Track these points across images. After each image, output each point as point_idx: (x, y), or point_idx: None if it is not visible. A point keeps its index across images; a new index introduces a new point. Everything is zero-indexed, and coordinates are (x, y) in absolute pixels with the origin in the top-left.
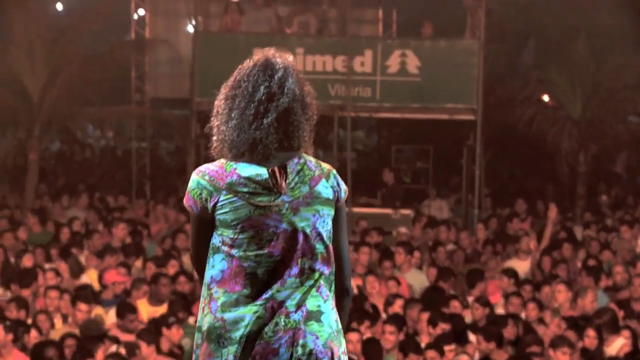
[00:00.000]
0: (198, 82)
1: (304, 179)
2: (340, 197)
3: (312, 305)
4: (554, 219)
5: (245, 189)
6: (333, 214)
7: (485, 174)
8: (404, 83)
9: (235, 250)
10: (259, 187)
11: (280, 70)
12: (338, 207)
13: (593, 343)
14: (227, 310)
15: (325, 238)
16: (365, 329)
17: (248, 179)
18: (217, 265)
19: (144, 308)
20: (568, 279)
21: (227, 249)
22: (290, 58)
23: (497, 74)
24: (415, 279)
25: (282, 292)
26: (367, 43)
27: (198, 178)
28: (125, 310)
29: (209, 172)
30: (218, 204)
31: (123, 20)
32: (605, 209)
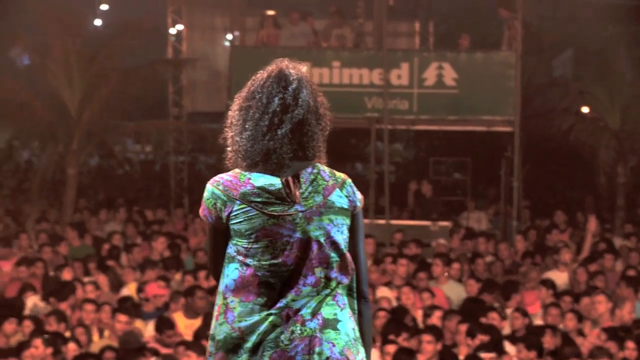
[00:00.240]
0: (234, 96)
1: (318, 189)
2: (356, 205)
3: (328, 314)
4: (594, 230)
5: (259, 199)
6: (349, 223)
7: (524, 186)
8: (441, 95)
9: (250, 260)
10: (272, 197)
11: (295, 82)
12: (354, 215)
13: (632, 355)
14: (243, 320)
15: (342, 247)
16: (403, 341)
17: (261, 189)
18: (231, 274)
19: (181, 321)
20: (607, 290)
21: (241, 258)
22: (304, 69)
23: (534, 85)
24: (453, 291)
25: (297, 300)
26: (403, 56)
27: (212, 188)
28: (164, 326)
29: (223, 181)
30: (232, 214)
31: (160, 36)
32: None
